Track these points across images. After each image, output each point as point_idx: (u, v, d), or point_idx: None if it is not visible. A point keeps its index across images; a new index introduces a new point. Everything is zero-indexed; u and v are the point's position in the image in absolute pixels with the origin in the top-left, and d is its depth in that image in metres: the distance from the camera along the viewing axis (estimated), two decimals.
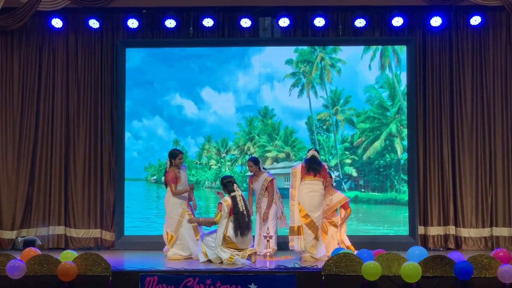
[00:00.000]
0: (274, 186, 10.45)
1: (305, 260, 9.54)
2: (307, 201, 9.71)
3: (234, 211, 9.36)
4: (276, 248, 10.32)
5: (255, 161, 10.64)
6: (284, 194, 11.32)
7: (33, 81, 12.09)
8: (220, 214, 9.39)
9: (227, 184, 9.59)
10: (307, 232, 9.67)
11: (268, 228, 10.23)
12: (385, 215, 12.00)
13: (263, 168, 10.68)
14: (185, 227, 10.06)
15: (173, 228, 10.04)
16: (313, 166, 9.84)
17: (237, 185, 9.62)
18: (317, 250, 9.69)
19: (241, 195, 9.50)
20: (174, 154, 10.23)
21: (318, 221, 9.73)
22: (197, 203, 10.62)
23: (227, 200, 9.46)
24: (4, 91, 12.06)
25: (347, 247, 9.86)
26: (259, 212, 10.42)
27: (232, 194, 9.47)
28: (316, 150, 10.08)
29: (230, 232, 9.31)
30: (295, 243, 9.67)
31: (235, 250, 9.31)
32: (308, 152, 10.07)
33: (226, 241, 9.31)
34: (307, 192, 9.74)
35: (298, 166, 9.93)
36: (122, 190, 11.99)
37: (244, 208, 9.40)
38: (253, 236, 10.03)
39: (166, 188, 10.18)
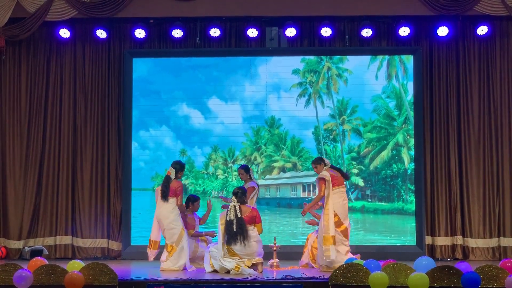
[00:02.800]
0: (254, 195, 10.48)
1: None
2: (341, 209, 9.70)
3: (225, 220, 9.45)
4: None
5: (246, 169, 10.69)
6: (291, 204, 11.34)
7: (41, 91, 12.14)
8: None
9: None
10: (341, 239, 9.66)
11: (274, 238, 10.22)
12: (392, 225, 11.98)
13: (253, 177, 10.75)
14: (186, 238, 9.91)
15: (175, 239, 9.83)
16: (343, 173, 9.96)
17: (236, 196, 9.52)
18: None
19: (235, 206, 9.46)
20: (193, 199, 10.49)
21: (348, 227, 9.83)
22: (203, 213, 10.62)
23: (224, 211, 9.62)
24: (12, 101, 12.11)
25: None
26: None
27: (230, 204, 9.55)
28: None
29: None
30: (331, 252, 9.58)
31: (239, 259, 9.30)
32: (326, 161, 9.99)
33: (230, 252, 9.33)
34: (341, 201, 9.72)
35: (327, 173, 9.77)
36: (129, 200, 12.01)
37: (233, 217, 9.37)
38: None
39: (166, 200, 9.93)
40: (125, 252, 11.80)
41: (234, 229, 9.31)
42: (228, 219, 9.41)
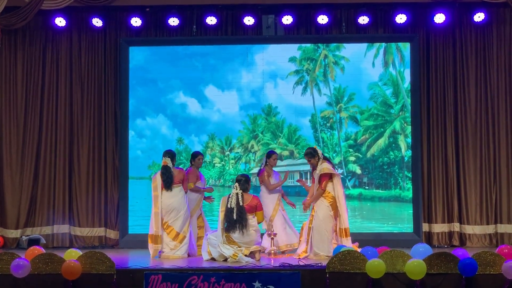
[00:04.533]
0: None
1: None
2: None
3: (225, 207, 9.46)
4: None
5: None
6: (288, 192, 11.34)
7: (37, 80, 12.10)
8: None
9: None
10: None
11: (272, 225, 10.24)
12: (389, 212, 12.00)
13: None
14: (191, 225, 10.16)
15: (185, 227, 10.00)
16: (332, 162, 10.10)
17: (239, 184, 9.58)
18: None
19: (237, 193, 9.49)
20: (194, 155, 10.59)
21: None
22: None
23: (225, 197, 9.63)
24: (8, 90, 12.07)
25: None
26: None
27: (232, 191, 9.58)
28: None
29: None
30: (349, 244, 9.61)
31: (237, 247, 9.31)
32: (319, 152, 9.95)
33: (228, 239, 9.34)
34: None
35: (329, 166, 9.74)
36: (126, 188, 12.00)
37: (234, 205, 9.41)
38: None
39: (170, 189, 10.05)
40: (123, 240, 11.81)
41: (234, 217, 9.33)
42: (229, 206, 9.42)
